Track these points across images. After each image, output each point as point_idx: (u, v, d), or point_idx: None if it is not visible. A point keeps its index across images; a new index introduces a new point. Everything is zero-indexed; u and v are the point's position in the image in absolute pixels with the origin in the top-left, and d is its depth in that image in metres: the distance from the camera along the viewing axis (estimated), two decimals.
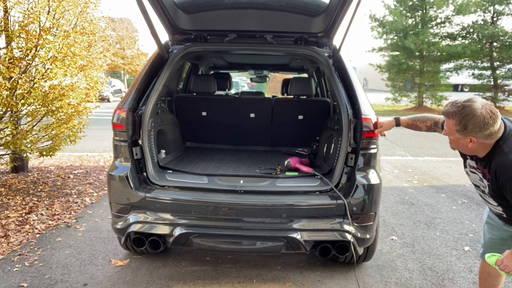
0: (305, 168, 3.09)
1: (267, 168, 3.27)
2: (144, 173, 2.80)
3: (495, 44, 18.36)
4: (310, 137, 4.03)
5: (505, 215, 1.92)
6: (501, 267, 1.78)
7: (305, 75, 6.09)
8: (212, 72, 6.06)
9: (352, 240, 2.56)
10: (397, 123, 2.58)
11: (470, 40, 18.42)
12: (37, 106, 4.82)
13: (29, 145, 4.84)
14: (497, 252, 1.99)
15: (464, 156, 2.00)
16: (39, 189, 5.15)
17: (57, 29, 4.79)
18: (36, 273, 2.99)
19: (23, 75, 4.53)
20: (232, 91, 6.69)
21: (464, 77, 20.80)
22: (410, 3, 18.54)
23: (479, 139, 1.71)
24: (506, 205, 1.83)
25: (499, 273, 2.15)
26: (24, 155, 5.41)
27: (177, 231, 2.57)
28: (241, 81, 22.13)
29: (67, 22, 5.00)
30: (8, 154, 5.47)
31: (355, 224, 2.58)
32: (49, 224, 3.97)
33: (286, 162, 3.19)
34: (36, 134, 5.02)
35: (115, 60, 28.14)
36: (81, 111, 5.30)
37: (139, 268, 3.09)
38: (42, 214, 4.23)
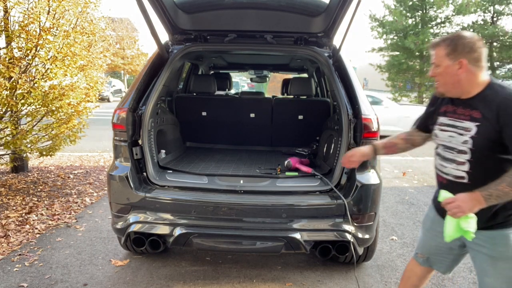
0: (305, 168, 3.09)
1: (267, 168, 3.27)
2: (144, 173, 2.80)
3: (495, 44, 18.35)
4: (310, 137, 4.03)
5: (466, 179, 1.73)
6: (450, 206, 1.62)
7: (305, 75, 6.09)
8: (212, 72, 6.06)
9: (352, 240, 2.56)
10: (375, 151, 2.18)
11: None
12: (37, 106, 4.82)
13: (29, 145, 4.84)
14: (443, 261, 1.99)
15: (433, 119, 1.90)
16: (39, 189, 5.15)
17: (57, 29, 4.79)
18: (36, 273, 2.99)
19: (23, 75, 4.52)
20: (232, 91, 6.69)
21: None
22: (410, 3, 18.53)
23: (469, 65, 1.65)
24: (479, 161, 1.68)
25: (424, 275, 2.12)
26: (24, 155, 5.41)
27: (177, 231, 2.57)
28: (241, 81, 22.13)
29: (67, 22, 5.00)
30: (8, 154, 5.47)
31: (355, 224, 2.58)
32: (49, 224, 3.97)
33: (286, 162, 3.19)
34: (36, 134, 5.02)
35: (115, 60, 28.14)
36: (81, 111, 5.30)
37: (139, 268, 3.09)
38: (42, 214, 4.23)
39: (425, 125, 2.02)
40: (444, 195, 1.71)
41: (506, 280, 1.73)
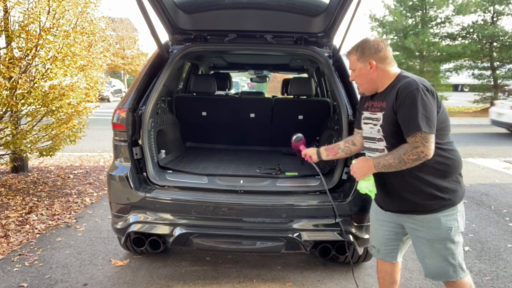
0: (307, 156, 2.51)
1: (267, 168, 3.27)
2: (144, 173, 2.80)
3: (495, 44, 18.35)
4: (310, 137, 4.01)
5: None
6: (351, 172, 1.97)
7: (305, 75, 6.09)
8: (212, 72, 6.06)
9: (348, 239, 2.56)
10: (318, 155, 2.37)
11: (470, 40, 18.42)
12: (37, 106, 4.82)
13: (29, 145, 4.84)
14: (393, 249, 2.17)
15: (359, 116, 2.12)
16: (39, 189, 5.15)
17: (57, 29, 4.79)
18: (36, 273, 2.99)
19: (23, 75, 4.52)
20: (232, 91, 6.69)
21: (464, 77, 20.80)
22: (410, 3, 18.52)
23: (378, 63, 1.90)
24: (394, 146, 1.85)
25: (395, 270, 2.24)
26: (24, 155, 5.41)
27: (177, 231, 2.57)
28: (241, 81, 22.11)
29: (67, 22, 5.00)
30: (8, 154, 5.47)
31: (355, 224, 2.58)
32: (49, 224, 3.97)
33: (295, 136, 2.65)
34: (36, 134, 5.02)
35: (115, 60, 28.14)
36: (81, 111, 5.29)
37: (139, 268, 3.09)
38: (42, 214, 4.23)
39: (359, 124, 2.19)
40: (352, 161, 2.04)
41: (443, 258, 1.92)
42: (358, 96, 2.79)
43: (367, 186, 1.96)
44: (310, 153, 2.42)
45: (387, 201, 2.04)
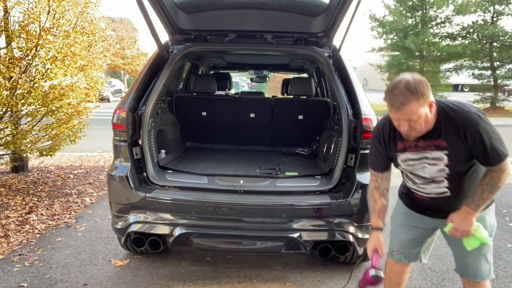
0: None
1: (267, 168, 3.27)
2: (144, 173, 2.80)
3: (495, 44, 18.36)
4: (310, 137, 4.04)
5: (449, 193, 1.84)
6: (457, 234, 1.78)
7: (305, 75, 6.09)
8: (212, 72, 6.07)
9: (351, 239, 2.56)
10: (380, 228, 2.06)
11: (470, 40, 18.43)
12: (37, 106, 4.82)
13: (29, 145, 4.84)
14: (418, 252, 2.10)
15: (396, 161, 1.92)
16: (39, 189, 5.15)
17: (57, 29, 4.79)
18: (36, 273, 2.99)
19: (23, 75, 4.52)
20: (232, 91, 6.69)
21: (464, 77, 20.80)
22: (410, 3, 18.53)
23: (433, 101, 1.68)
24: (456, 175, 1.79)
25: (405, 272, 2.22)
26: (24, 155, 5.41)
27: (177, 231, 2.57)
28: (241, 81, 22.12)
29: (67, 22, 4.99)
30: (8, 154, 5.47)
31: (355, 224, 2.59)
32: (49, 224, 3.97)
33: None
34: (36, 134, 5.02)
35: (115, 60, 28.13)
36: (81, 111, 5.29)
37: (139, 268, 3.09)
38: (42, 214, 4.23)
39: (385, 166, 2.02)
40: (448, 228, 1.83)
41: (483, 257, 1.89)
42: (361, 96, 2.79)
43: (481, 234, 1.77)
44: (374, 248, 1.99)
45: (444, 211, 1.89)
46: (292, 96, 4.33)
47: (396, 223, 2.14)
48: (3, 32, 4.57)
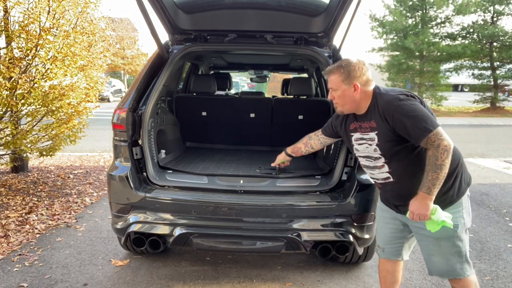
0: None
1: (267, 168, 3.27)
2: (144, 173, 2.80)
3: (495, 44, 18.34)
4: None
5: (391, 178, 1.99)
6: (415, 219, 1.84)
7: (305, 75, 6.09)
8: (212, 72, 6.06)
9: (351, 239, 2.56)
10: (287, 154, 2.76)
11: (470, 40, 18.41)
12: (37, 106, 4.82)
13: (29, 145, 4.84)
14: (398, 248, 2.19)
15: (348, 137, 2.16)
16: (39, 189, 5.15)
17: (57, 29, 4.79)
18: (36, 273, 2.99)
19: (23, 75, 4.53)
20: (232, 91, 6.69)
21: (464, 77, 20.80)
22: (410, 3, 18.52)
23: (361, 86, 1.95)
24: (392, 159, 1.94)
25: (397, 269, 2.28)
26: (24, 155, 5.41)
27: (177, 231, 2.57)
28: (241, 81, 22.10)
29: (67, 22, 5.00)
30: (8, 154, 5.47)
31: (355, 224, 2.58)
32: (49, 224, 3.97)
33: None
34: (36, 134, 5.02)
35: (115, 60, 28.12)
36: (81, 111, 5.30)
37: (139, 268, 3.09)
38: (42, 214, 4.23)
39: (329, 133, 2.41)
40: (407, 214, 1.91)
41: (451, 256, 1.94)
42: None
43: (439, 217, 1.80)
44: (280, 160, 2.79)
45: (396, 201, 2.07)
46: (292, 96, 4.33)
47: (378, 217, 2.30)
48: (3, 32, 4.57)
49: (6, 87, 4.33)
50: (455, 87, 28.01)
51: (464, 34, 18.53)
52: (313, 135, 2.57)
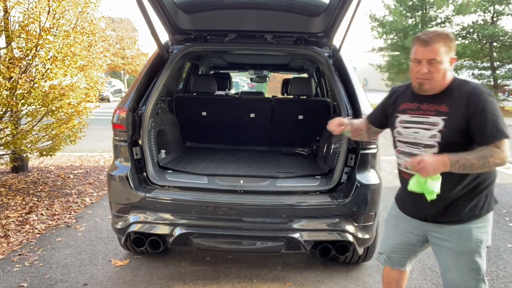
0: None
1: (267, 168, 3.26)
2: (144, 173, 2.80)
3: (495, 44, 18.35)
4: (310, 137, 4.03)
5: None
6: (415, 163, 1.60)
7: (305, 75, 6.09)
8: (212, 72, 6.07)
9: (351, 239, 2.56)
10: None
11: (470, 40, 18.42)
12: (37, 106, 4.82)
13: (29, 145, 4.84)
14: (403, 258, 2.05)
15: (393, 117, 1.92)
16: (39, 189, 5.15)
17: (57, 29, 4.79)
18: (36, 273, 2.99)
19: (23, 75, 4.52)
20: (232, 91, 6.69)
21: (464, 77, 20.63)
22: (410, 3, 18.54)
23: (455, 58, 1.73)
24: (448, 150, 1.67)
25: (403, 278, 2.15)
26: (24, 155, 5.41)
27: (177, 231, 2.57)
28: (241, 81, 22.11)
29: (67, 22, 5.00)
30: (8, 154, 5.47)
31: (355, 224, 2.58)
32: (49, 224, 3.97)
33: None
34: (36, 134, 5.02)
35: (115, 60, 28.14)
36: (81, 111, 5.30)
37: (139, 268, 3.09)
38: (42, 214, 4.23)
39: (379, 121, 2.08)
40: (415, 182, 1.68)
41: (468, 273, 1.78)
42: (361, 96, 2.79)
43: (433, 185, 1.62)
44: (341, 120, 2.15)
45: (425, 208, 1.83)
46: (292, 96, 4.33)
47: (388, 225, 2.12)
48: (3, 32, 4.57)
49: (6, 87, 4.33)
50: None
51: (464, 34, 18.54)
52: (363, 124, 2.17)
